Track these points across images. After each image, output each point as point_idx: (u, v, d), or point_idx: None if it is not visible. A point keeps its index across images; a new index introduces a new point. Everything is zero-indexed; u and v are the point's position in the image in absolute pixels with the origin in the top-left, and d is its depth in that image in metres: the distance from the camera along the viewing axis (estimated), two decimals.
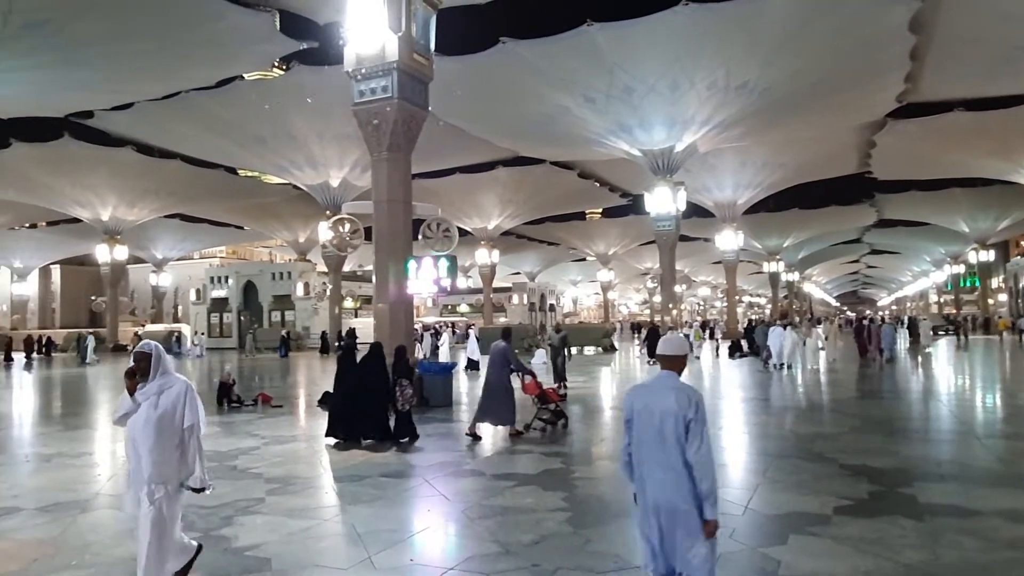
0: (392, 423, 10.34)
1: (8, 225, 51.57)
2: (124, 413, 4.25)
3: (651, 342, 25.77)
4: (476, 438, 10.29)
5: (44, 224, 57.40)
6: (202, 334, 42.46)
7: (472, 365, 22.94)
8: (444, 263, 14.28)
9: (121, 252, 45.84)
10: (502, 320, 59.32)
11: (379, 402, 10.39)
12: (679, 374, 3.65)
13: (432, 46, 15.12)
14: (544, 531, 5.81)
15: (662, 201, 32.44)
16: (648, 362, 25.36)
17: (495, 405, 10.47)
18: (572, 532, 5.80)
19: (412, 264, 14.29)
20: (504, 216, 50.44)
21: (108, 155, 37.28)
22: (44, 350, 39.75)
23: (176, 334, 44.38)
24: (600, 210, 67.87)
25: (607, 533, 5.77)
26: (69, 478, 8.31)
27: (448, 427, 11.71)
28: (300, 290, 47.64)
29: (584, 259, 76.08)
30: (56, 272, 69.13)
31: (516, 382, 10.93)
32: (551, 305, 70.83)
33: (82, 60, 23.50)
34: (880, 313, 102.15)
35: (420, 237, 15.51)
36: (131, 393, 4.26)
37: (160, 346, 4.43)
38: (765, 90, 26.35)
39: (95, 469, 9.10)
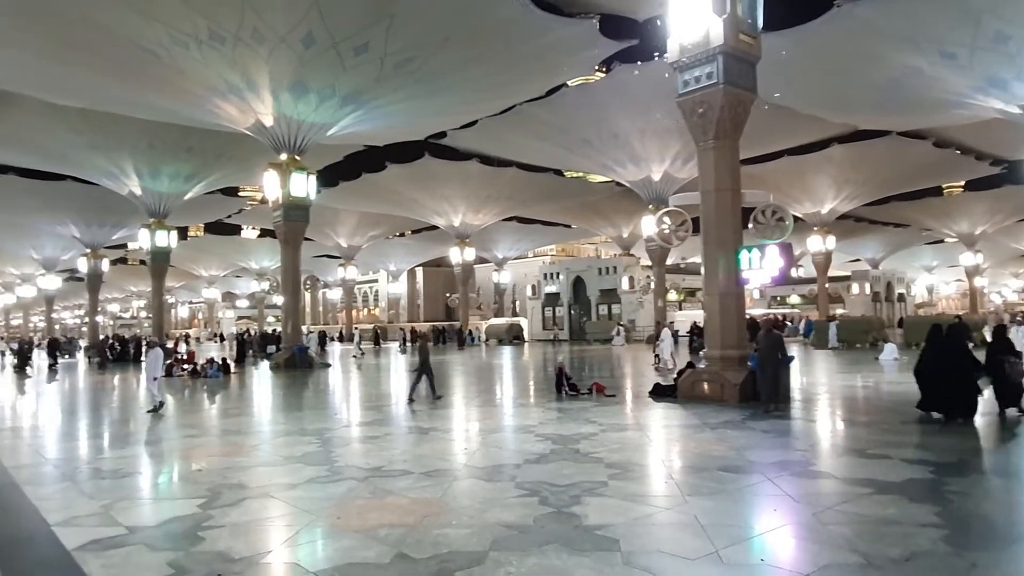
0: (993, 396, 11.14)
1: (384, 235, 62.20)
2: None
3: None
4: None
5: (410, 232, 67.73)
6: (621, 325, 44.40)
7: None
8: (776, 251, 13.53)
9: (469, 254, 52.46)
10: (839, 311, 54.19)
11: (967, 380, 10.88)
12: None
13: (759, 23, 14.37)
14: (914, 547, 5.14)
15: None
16: None
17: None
18: (951, 552, 5.05)
19: (743, 254, 13.78)
20: (840, 198, 46.02)
21: (458, 169, 42.95)
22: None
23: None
24: (962, 183, 57.97)
25: (999, 560, 4.92)
26: (443, 449, 9.67)
27: (785, 424, 11.07)
28: (625, 284, 49.06)
29: (941, 241, 66.18)
30: (420, 273, 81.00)
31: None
32: (899, 295, 62.73)
33: (439, 89, 27.11)
34: None
35: (751, 226, 14.88)
36: None
37: None
38: None
39: (460, 443, 10.47)
